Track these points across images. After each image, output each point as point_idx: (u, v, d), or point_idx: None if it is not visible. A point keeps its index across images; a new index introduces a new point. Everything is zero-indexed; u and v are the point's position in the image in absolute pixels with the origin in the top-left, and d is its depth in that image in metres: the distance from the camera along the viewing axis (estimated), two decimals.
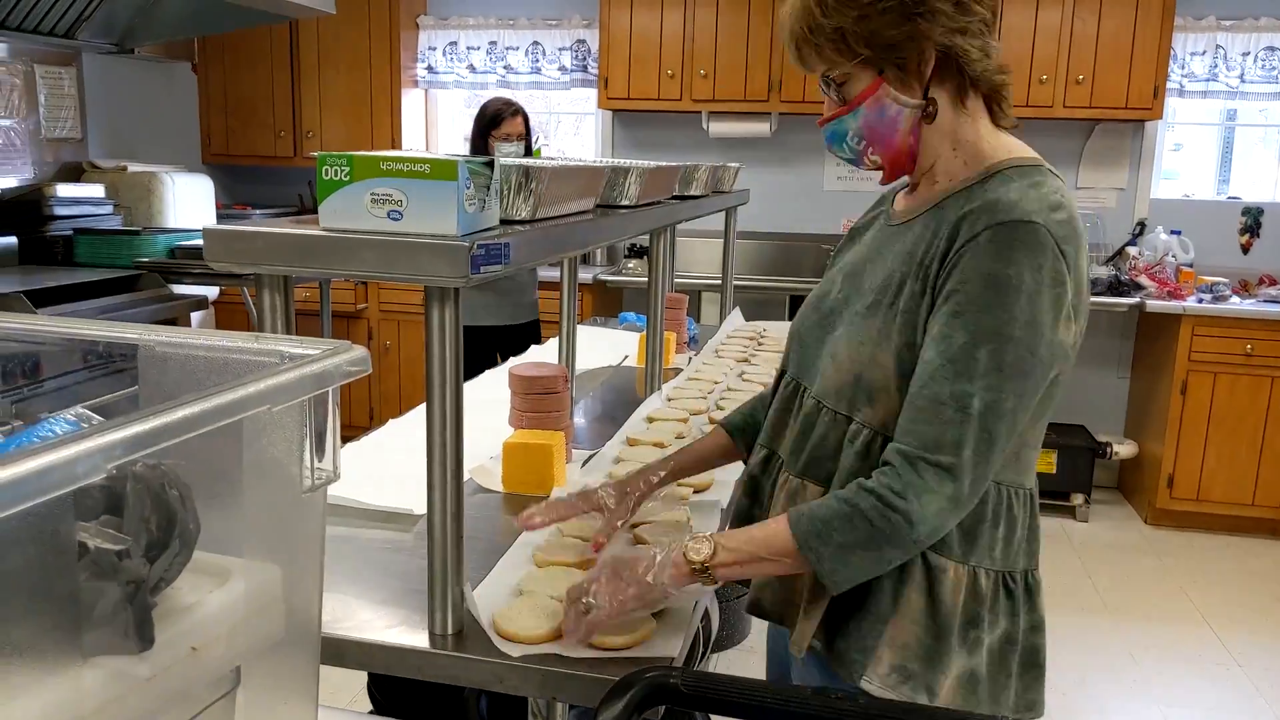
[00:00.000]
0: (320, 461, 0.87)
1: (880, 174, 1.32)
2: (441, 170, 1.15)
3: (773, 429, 1.39)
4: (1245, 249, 4.78)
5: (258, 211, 5.20)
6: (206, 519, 0.79)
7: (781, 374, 1.42)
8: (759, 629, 3.31)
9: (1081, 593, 3.77)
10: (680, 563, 1.19)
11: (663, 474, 1.53)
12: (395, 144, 5.11)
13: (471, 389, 2.32)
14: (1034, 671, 1.25)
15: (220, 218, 4.86)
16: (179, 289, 3.66)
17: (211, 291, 4.22)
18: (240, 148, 5.28)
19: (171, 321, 3.44)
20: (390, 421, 2.24)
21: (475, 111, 3.56)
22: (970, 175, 1.24)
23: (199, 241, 3.72)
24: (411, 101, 5.23)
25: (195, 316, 3.81)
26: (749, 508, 1.42)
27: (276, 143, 5.22)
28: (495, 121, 3.46)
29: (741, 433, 1.55)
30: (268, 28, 4.97)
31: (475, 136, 3.47)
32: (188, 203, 4.42)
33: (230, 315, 4.88)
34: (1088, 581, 3.88)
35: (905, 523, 1.11)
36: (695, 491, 1.79)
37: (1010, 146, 1.27)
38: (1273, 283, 4.58)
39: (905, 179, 1.34)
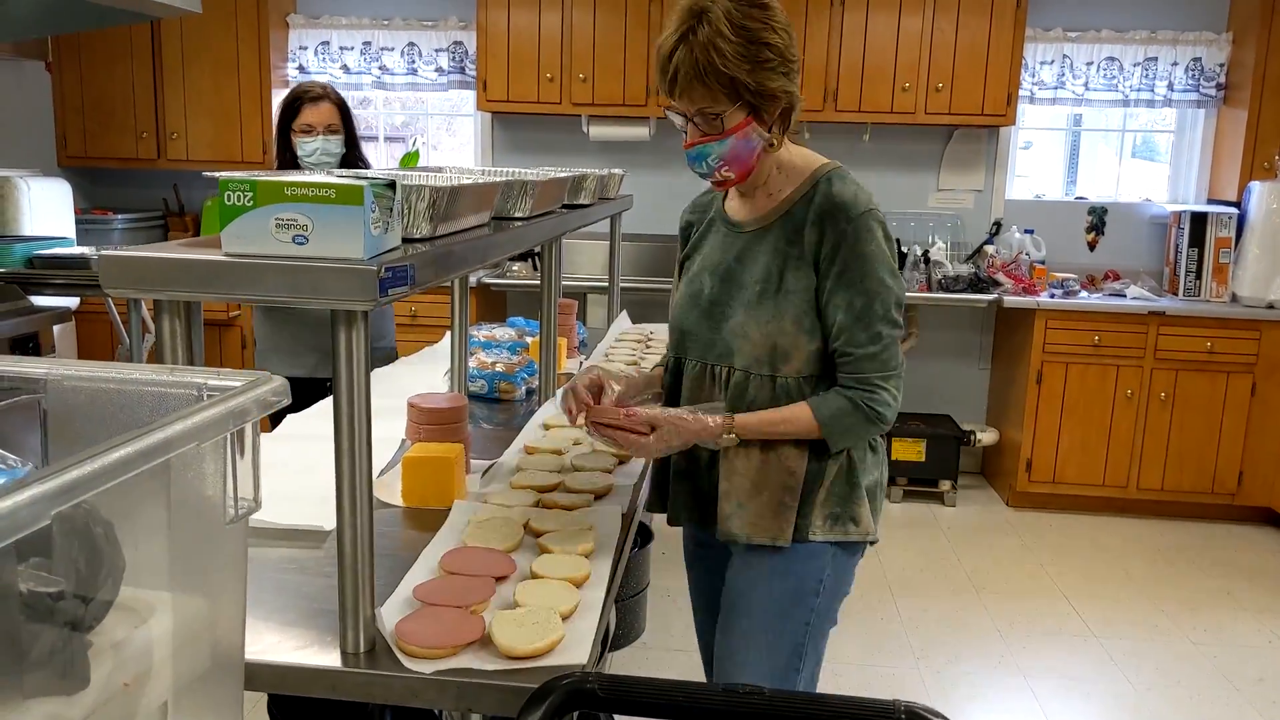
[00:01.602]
0: (242, 492, 0.89)
1: (713, 182, 1.67)
2: (347, 195, 1.16)
3: (691, 399, 1.73)
4: (1091, 246, 5.12)
5: (119, 216, 4.99)
6: (131, 554, 0.80)
7: (678, 361, 1.77)
8: (653, 626, 3.39)
9: (951, 574, 3.99)
10: (719, 423, 1.62)
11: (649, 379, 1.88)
12: (266, 146, 4.97)
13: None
14: (881, 506, 1.78)
15: (80, 223, 4.64)
16: (39, 300, 3.49)
17: (72, 302, 4.04)
18: (99, 150, 5.04)
19: (33, 336, 3.28)
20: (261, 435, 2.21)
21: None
22: (798, 185, 1.66)
23: (59, 250, 3.58)
24: None
25: (57, 329, 3.63)
26: (690, 467, 1.76)
27: (138, 144, 5.01)
28: (291, 111, 2.83)
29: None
30: (127, 24, 4.76)
31: (278, 134, 2.87)
32: (45, 208, 4.21)
33: (93, 327, 4.67)
34: (956, 563, 4.10)
35: (885, 418, 1.64)
36: (596, 498, 1.84)
37: (811, 158, 1.69)
38: (1116, 277, 4.92)
39: (710, 191, 1.79)
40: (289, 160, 2.89)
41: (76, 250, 3.62)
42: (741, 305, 1.65)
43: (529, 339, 2.94)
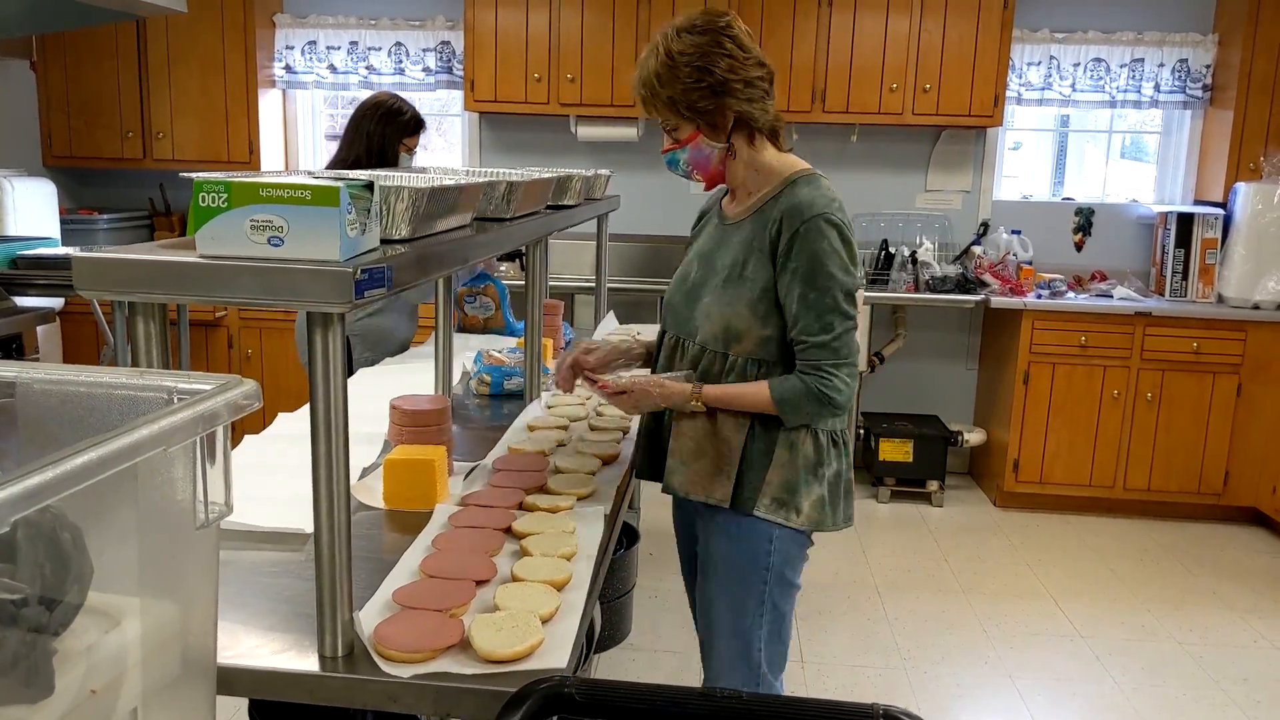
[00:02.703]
0: (213, 496, 0.88)
1: (701, 184, 1.92)
2: (323, 196, 1.16)
3: (666, 364, 1.97)
4: (1078, 247, 5.13)
5: (105, 216, 4.96)
6: (99, 559, 0.79)
7: (662, 334, 2.01)
8: (639, 627, 3.39)
9: (938, 574, 3.99)
10: (687, 390, 1.83)
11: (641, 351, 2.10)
12: (253, 146, 4.96)
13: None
14: (851, 496, 1.93)
15: (65, 223, 4.61)
16: (23, 301, 3.47)
17: (57, 303, 4.01)
18: (85, 149, 5.01)
19: (16, 337, 3.26)
20: (246, 437, 2.20)
21: (383, 107, 3.11)
22: (771, 188, 1.85)
23: (44, 250, 3.56)
24: (269, 102, 5.08)
25: (41, 330, 3.61)
26: (656, 428, 1.99)
27: (124, 144, 4.99)
28: (414, 129, 3.12)
29: None
30: (113, 23, 4.74)
31: (386, 138, 3.04)
32: (29, 208, 4.19)
33: (78, 327, 4.65)
34: (944, 563, 4.10)
35: (836, 402, 1.78)
36: (580, 500, 1.84)
37: (791, 163, 1.88)
38: (1103, 278, 4.93)
39: (723, 187, 1.97)
40: (378, 162, 3.04)
41: (61, 251, 3.60)
42: (712, 289, 1.86)
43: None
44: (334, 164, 3.13)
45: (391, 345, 3.16)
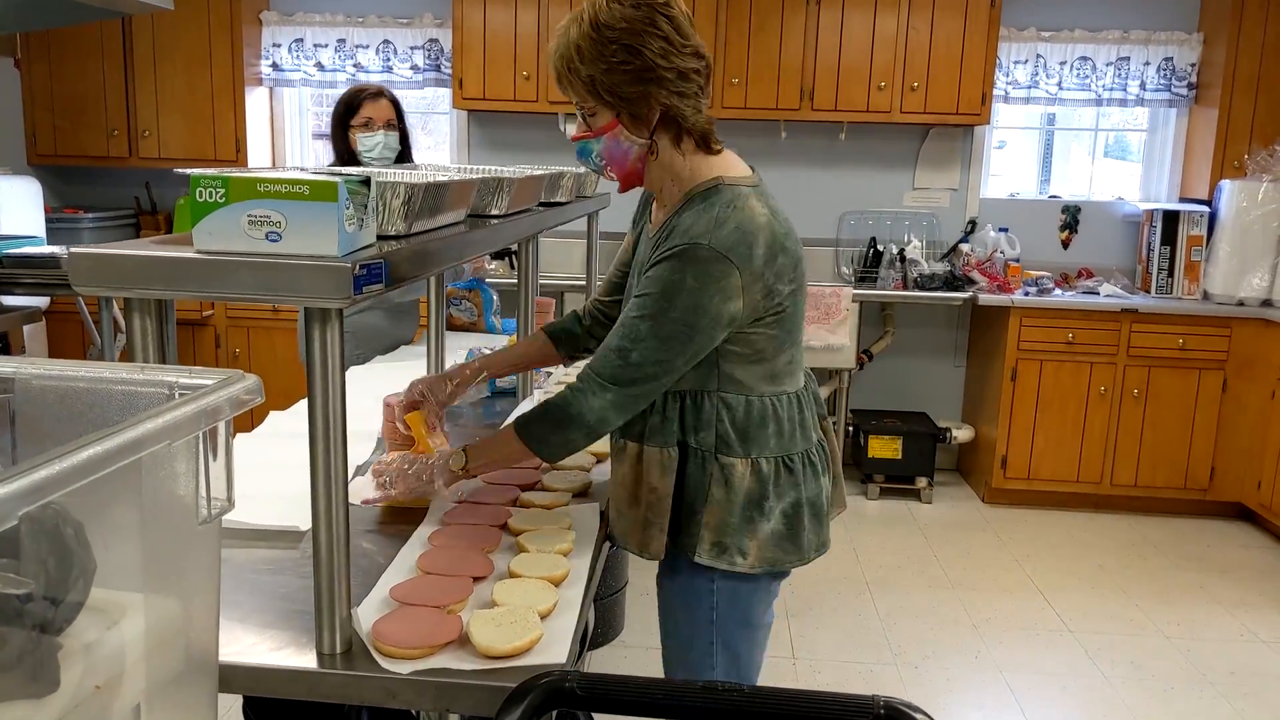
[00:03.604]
0: (215, 492, 0.88)
1: (618, 185, 1.69)
2: (321, 191, 1.15)
3: None
4: (1065, 244, 5.16)
5: (90, 214, 4.93)
6: (102, 555, 0.78)
7: None
8: (631, 625, 3.39)
9: (928, 570, 4.01)
10: (448, 470, 1.64)
11: (477, 367, 1.91)
12: (240, 144, 4.93)
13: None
14: (822, 518, 1.70)
15: (50, 221, 4.58)
16: (9, 300, 3.44)
17: (43, 302, 3.99)
18: (70, 148, 4.98)
19: (2, 336, 3.24)
20: (239, 435, 2.19)
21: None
22: (682, 198, 1.63)
23: (29, 249, 3.53)
24: (256, 100, 5.06)
25: (27, 329, 3.59)
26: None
27: (109, 142, 4.96)
28: (351, 108, 2.95)
29: (563, 342, 1.94)
30: (98, 21, 4.71)
31: (334, 130, 3.00)
32: (14, 207, 4.16)
33: (64, 326, 4.62)
34: (933, 559, 4.12)
35: (584, 421, 1.56)
36: (574, 496, 1.84)
37: (701, 168, 1.63)
38: (1090, 275, 4.96)
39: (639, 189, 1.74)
40: (348, 159, 2.95)
41: (46, 249, 3.58)
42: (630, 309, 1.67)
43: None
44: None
45: (382, 343, 3.15)
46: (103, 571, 0.78)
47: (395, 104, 3.00)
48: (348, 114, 2.95)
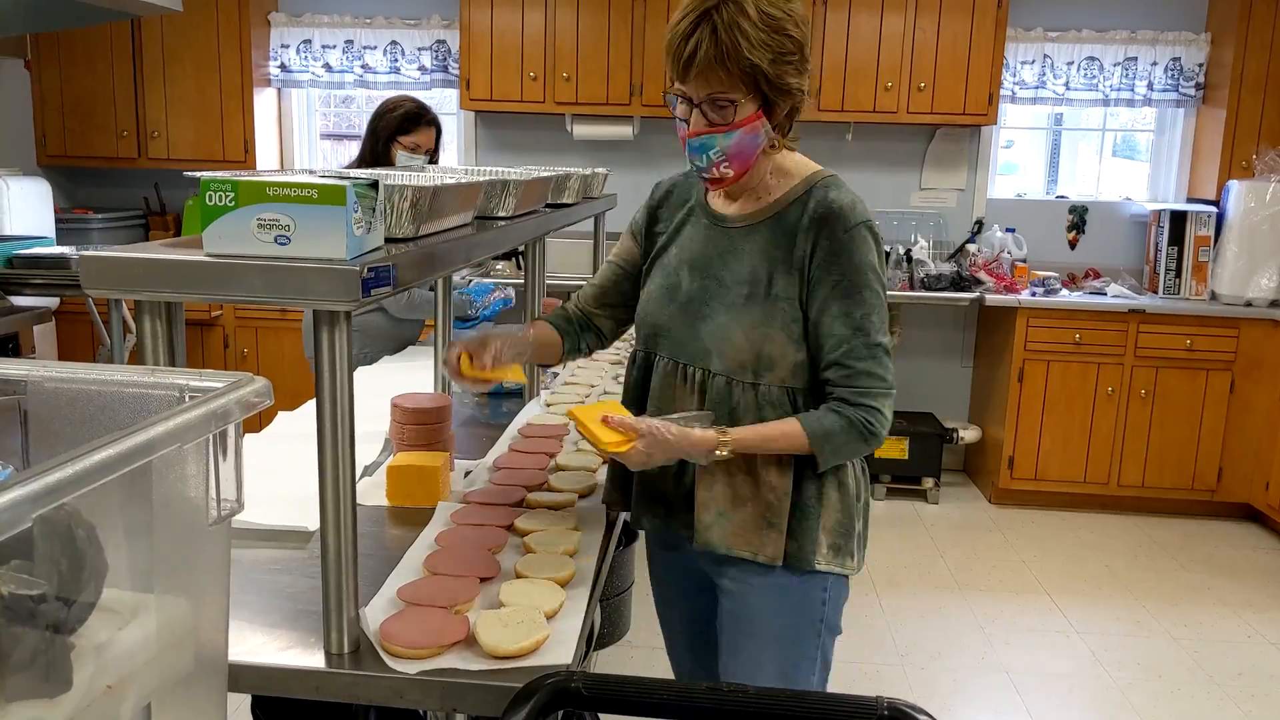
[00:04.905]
0: (225, 493, 0.88)
1: (707, 179, 1.58)
2: (330, 195, 1.16)
3: (661, 398, 1.64)
4: (1072, 245, 5.15)
5: (99, 215, 4.95)
6: (113, 556, 0.79)
7: (648, 356, 1.67)
8: (637, 625, 3.39)
9: (934, 571, 4.01)
10: (710, 438, 1.50)
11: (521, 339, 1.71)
12: (248, 145, 4.95)
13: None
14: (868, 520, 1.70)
15: (60, 222, 4.60)
16: (19, 300, 3.46)
17: (52, 302, 4.01)
18: (79, 149, 5.00)
19: (13, 337, 3.26)
20: (246, 436, 2.20)
21: (380, 107, 3.07)
22: (790, 188, 1.58)
23: (39, 250, 3.55)
24: (264, 101, 5.08)
25: (37, 330, 3.61)
26: (657, 477, 1.63)
27: (119, 143, 4.98)
28: (406, 127, 3.00)
29: (567, 335, 1.79)
30: (108, 22, 4.73)
31: (379, 139, 3.00)
32: (24, 208, 4.18)
33: (74, 327, 4.64)
34: (940, 560, 4.12)
35: (880, 436, 1.54)
36: (581, 497, 1.84)
37: (801, 161, 1.62)
38: (1097, 276, 4.95)
39: (680, 179, 1.72)
40: (373, 162, 2.97)
41: (56, 250, 3.60)
42: (724, 306, 1.56)
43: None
44: (350, 166, 3.14)
45: (390, 343, 3.16)
46: (114, 572, 0.79)
47: (439, 132, 3.10)
48: (402, 128, 3.00)
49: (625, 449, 1.47)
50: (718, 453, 1.50)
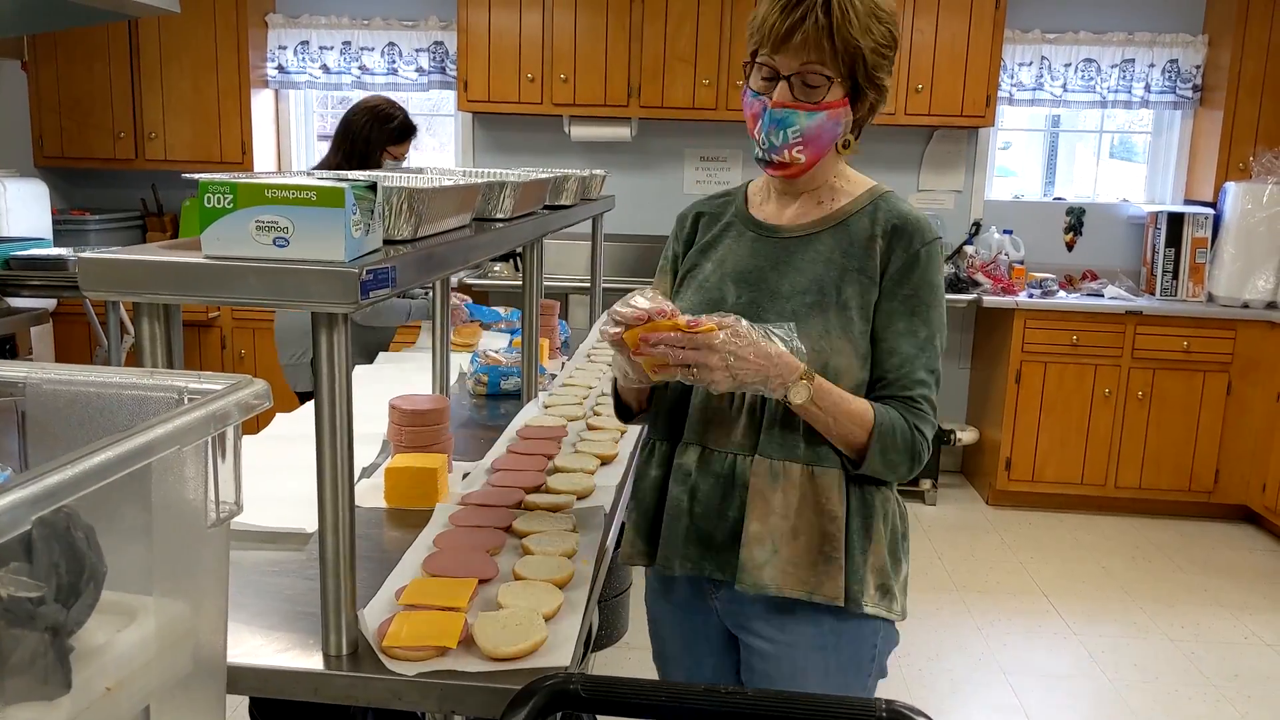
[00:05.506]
0: (224, 495, 0.88)
1: (773, 163, 1.47)
2: (329, 198, 1.16)
3: (703, 426, 1.48)
4: (1070, 246, 5.16)
5: (97, 216, 4.95)
6: (112, 558, 0.79)
7: None
8: (635, 626, 3.40)
9: (932, 572, 4.01)
10: (797, 365, 1.35)
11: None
12: (245, 146, 4.95)
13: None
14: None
15: (57, 223, 4.60)
16: (16, 302, 3.46)
17: (50, 304, 4.00)
18: (76, 150, 5.00)
19: (10, 338, 3.25)
20: (244, 438, 2.20)
21: (372, 111, 3.04)
22: (853, 197, 1.51)
23: (36, 251, 3.55)
24: (261, 102, 5.08)
25: (35, 331, 3.61)
26: (688, 502, 1.47)
27: (116, 145, 4.98)
28: (400, 136, 3.04)
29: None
30: (105, 23, 4.73)
31: (370, 142, 2.98)
32: (21, 209, 4.18)
33: (71, 328, 4.64)
34: (937, 561, 4.12)
35: (922, 461, 1.44)
36: (579, 498, 1.84)
37: (857, 174, 1.56)
38: (1094, 277, 4.96)
39: (719, 194, 1.63)
40: (359, 165, 2.96)
41: (54, 251, 3.60)
42: (780, 318, 1.43)
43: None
44: (321, 166, 3.12)
45: (355, 351, 3.10)
46: (113, 575, 0.78)
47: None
48: (400, 138, 3.04)
49: (715, 330, 1.30)
50: (796, 389, 1.34)
